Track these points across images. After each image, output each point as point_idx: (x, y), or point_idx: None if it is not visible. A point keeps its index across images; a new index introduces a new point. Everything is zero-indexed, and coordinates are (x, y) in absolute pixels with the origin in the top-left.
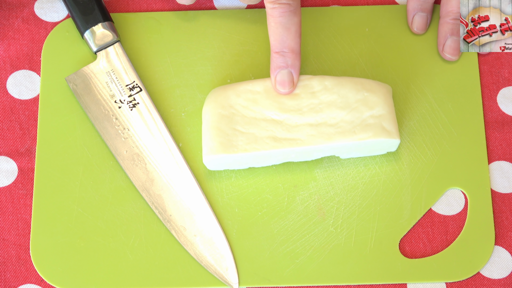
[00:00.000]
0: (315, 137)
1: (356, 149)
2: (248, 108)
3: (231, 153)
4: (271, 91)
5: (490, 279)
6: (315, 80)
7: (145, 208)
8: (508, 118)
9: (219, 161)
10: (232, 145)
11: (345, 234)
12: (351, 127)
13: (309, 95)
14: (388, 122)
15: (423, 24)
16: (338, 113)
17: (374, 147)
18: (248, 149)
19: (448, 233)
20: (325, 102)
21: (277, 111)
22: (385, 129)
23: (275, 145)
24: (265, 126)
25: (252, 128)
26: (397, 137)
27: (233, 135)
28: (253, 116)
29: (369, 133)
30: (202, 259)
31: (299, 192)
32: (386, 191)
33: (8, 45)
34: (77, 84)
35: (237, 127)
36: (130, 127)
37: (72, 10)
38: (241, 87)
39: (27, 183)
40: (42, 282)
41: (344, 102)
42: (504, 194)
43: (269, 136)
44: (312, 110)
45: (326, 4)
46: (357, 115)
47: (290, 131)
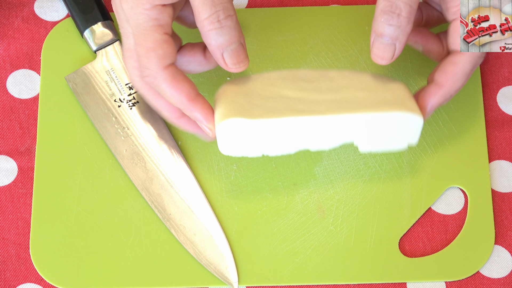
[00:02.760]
0: (335, 108)
1: (377, 134)
2: (264, 89)
3: (247, 117)
4: (288, 78)
5: (490, 278)
6: (333, 71)
7: (144, 207)
8: (508, 118)
9: (234, 133)
10: (247, 113)
11: (345, 233)
12: (371, 102)
13: (327, 80)
14: (410, 101)
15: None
16: (358, 93)
17: (395, 134)
18: (265, 116)
19: (448, 232)
20: (344, 85)
21: (294, 90)
22: (407, 106)
23: (293, 113)
24: (283, 101)
25: (269, 103)
26: (418, 112)
27: (248, 106)
28: (270, 95)
29: (390, 107)
30: (202, 258)
31: (298, 190)
32: (386, 189)
33: (8, 44)
34: (76, 83)
35: (253, 101)
36: (129, 126)
37: (72, 9)
38: (255, 77)
39: (27, 182)
40: (42, 281)
41: (364, 85)
42: (504, 194)
43: (287, 107)
44: (330, 90)
45: (325, 3)
46: (378, 95)
47: (308, 105)
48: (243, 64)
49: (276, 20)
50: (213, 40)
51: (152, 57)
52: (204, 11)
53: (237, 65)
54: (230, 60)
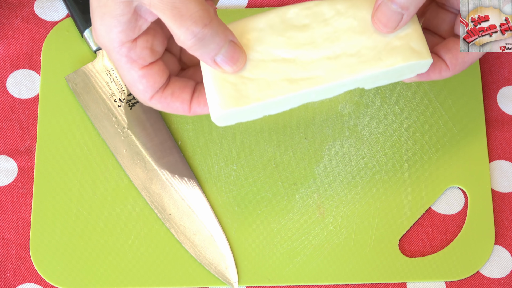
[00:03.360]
0: (336, 72)
1: (383, 77)
2: (253, 50)
3: (243, 105)
4: (276, 25)
5: (489, 278)
6: (324, 5)
7: (144, 207)
8: (507, 118)
9: (229, 115)
10: (242, 96)
11: (345, 233)
12: (375, 53)
13: (321, 24)
14: (416, 41)
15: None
16: (357, 39)
17: (403, 71)
18: (262, 97)
19: (448, 232)
20: (341, 28)
21: (287, 48)
22: (414, 50)
23: (291, 87)
24: (277, 68)
25: (262, 73)
26: (428, 57)
27: (241, 83)
28: (260, 58)
29: (397, 58)
30: (202, 258)
31: (298, 190)
32: (386, 189)
33: (8, 44)
34: (76, 83)
35: (244, 74)
36: (129, 126)
37: (72, 9)
38: (240, 26)
39: (27, 182)
40: (42, 281)
41: (363, 25)
42: (504, 194)
43: (283, 78)
44: (327, 40)
45: None
46: (379, 38)
47: (306, 68)
48: (240, 62)
49: None
50: (198, 54)
51: (134, 91)
52: (177, 32)
53: (234, 66)
54: (225, 65)
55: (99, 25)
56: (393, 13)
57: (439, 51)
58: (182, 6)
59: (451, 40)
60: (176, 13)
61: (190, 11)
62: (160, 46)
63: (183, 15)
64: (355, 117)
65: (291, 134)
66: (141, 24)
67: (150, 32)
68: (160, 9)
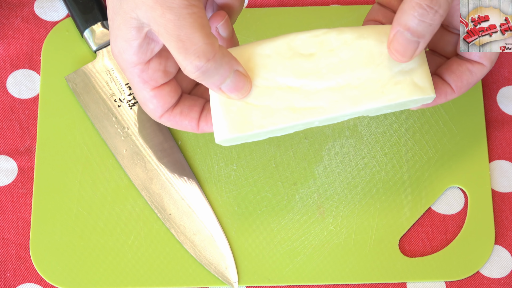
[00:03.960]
0: (338, 103)
1: (386, 109)
2: (259, 76)
3: (247, 132)
4: (283, 53)
5: (489, 278)
6: (332, 34)
7: (144, 207)
8: (507, 118)
9: (233, 139)
10: (247, 122)
11: (345, 233)
12: (378, 86)
13: (327, 53)
14: (420, 77)
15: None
16: (362, 71)
17: (406, 104)
18: (265, 124)
19: (448, 232)
20: (346, 59)
21: (292, 76)
22: (417, 86)
23: (294, 117)
24: (281, 96)
25: (267, 100)
26: (432, 92)
27: (246, 109)
28: (266, 85)
29: (399, 93)
30: (202, 257)
31: (298, 190)
32: (386, 189)
33: (8, 44)
34: (76, 83)
35: (249, 100)
36: (129, 126)
37: (72, 9)
38: (248, 51)
39: (27, 182)
40: (42, 281)
41: (368, 57)
42: (504, 194)
43: (287, 106)
44: (332, 71)
45: (325, 3)
46: (384, 72)
47: (309, 98)
48: (245, 90)
49: (276, 20)
50: (204, 83)
51: (145, 109)
52: (182, 63)
53: (239, 94)
54: (230, 93)
55: (113, 45)
56: (409, 42)
57: (443, 74)
58: (186, 40)
59: (455, 62)
60: (181, 46)
61: (194, 45)
62: (173, 67)
63: (187, 48)
64: (355, 117)
65: (291, 134)
66: (153, 47)
67: (163, 54)
68: (166, 39)
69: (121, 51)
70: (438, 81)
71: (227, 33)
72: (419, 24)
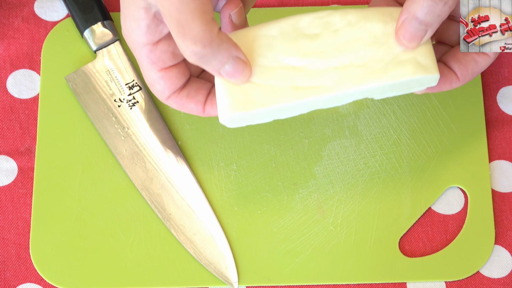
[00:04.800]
0: (341, 82)
1: (390, 89)
2: (263, 56)
3: (249, 110)
4: (288, 33)
5: (489, 278)
6: (336, 15)
7: (144, 207)
8: (507, 117)
9: (237, 118)
10: (250, 100)
11: (345, 233)
12: (382, 65)
13: (331, 34)
14: (424, 56)
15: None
16: (366, 50)
17: (411, 84)
18: (268, 103)
19: (448, 232)
20: (350, 40)
21: (296, 56)
22: (420, 65)
23: (297, 95)
24: (284, 75)
25: (270, 79)
26: (435, 72)
27: (249, 88)
28: (270, 65)
29: (403, 71)
30: (202, 257)
31: (298, 190)
32: (386, 189)
33: (8, 44)
34: (76, 83)
35: (253, 79)
36: (129, 126)
37: (72, 9)
38: (253, 32)
39: (27, 182)
40: (42, 281)
41: (372, 37)
42: (504, 194)
43: (290, 85)
44: (336, 50)
45: (325, 3)
46: (387, 51)
47: (313, 77)
48: (244, 76)
49: None
50: (203, 67)
51: (153, 90)
52: (181, 47)
53: (237, 79)
54: (228, 77)
55: (123, 25)
56: (417, 29)
57: (449, 62)
58: (185, 24)
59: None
60: (180, 30)
61: (192, 31)
62: None
63: (185, 33)
64: (355, 117)
65: (291, 134)
66: (162, 28)
67: (169, 40)
68: (168, 22)
69: (130, 30)
70: (444, 68)
71: (239, 21)
72: (428, 14)
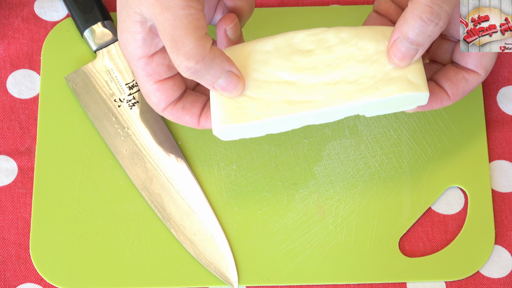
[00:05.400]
0: (333, 97)
1: (381, 106)
2: (258, 71)
3: (242, 122)
4: (282, 49)
5: (489, 278)
6: (330, 32)
7: (144, 207)
8: (507, 117)
9: (231, 131)
10: (243, 113)
11: (345, 233)
12: (373, 82)
13: (325, 50)
14: (414, 74)
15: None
16: (357, 67)
17: (401, 102)
18: (260, 116)
19: (448, 232)
20: (343, 56)
21: (290, 71)
22: (411, 82)
23: (289, 109)
24: (278, 89)
25: (264, 93)
26: (425, 90)
27: (243, 101)
28: (264, 79)
29: (393, 88)
30: (202, 258)
31: (298, 190)
32: (386, 189)
33: (8, 44)
34: (76, 83)
35: (247, 93)
36: (129, 126)
37: (72, 9)
38: (249, 47)
39: (27, 182)
40: (42, 281)
41: (364, 54)
42: (504, 194)
43: (283, 100)
44: (328, 66)
45: (325, 3)
46: (379, 69)
47: (305, 92)
48: (237, 90)
49: (276, 20)
50: (197, 81)
51: (149, 101)
52: (175, 62)
53: (230, 93)
54: (222, 91)
55: (119, 38)
56: (408, 49)
57: (440, 80)
58: (179, 40)
59: (451, 70)
60: (174, 46)
61: (185, 47)
62: None
63: (179, 49)
64: (355, 117)
65: (291, 134)
66: (157, 42)
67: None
68: (163, 37)
69: (126, 43)
70: (435, 87)
71: (235, 36)
72: (419, 34)
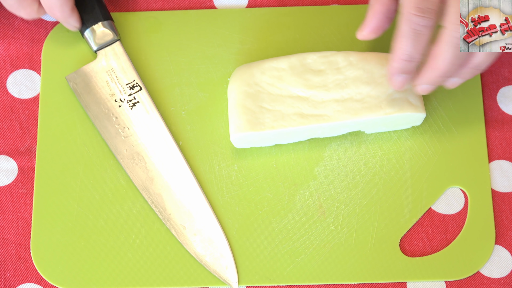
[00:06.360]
0: (341, 113)
1: (381, 124)
2: (273, 86)
3: (258, 130)
4: (296, 67)
5: (490, 278)
6: (339, 56)
7: (145, 207)
8: (507, 117)
9: (246, 138)
10: (259, 123)
11: (346, 233)
12: (377, 102)
13: (334, 71)
14: (413, 96)
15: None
16: (363, 88)
17: (399, 121)
18: (275, 126)
19: (448, 232)
20: (351, 77)
21: (302, 87)
22: (411, 104)
23: (302, 121)
24: (291, 103)
25: (279, 105)
26: (422, 111)
27: (259, 112)
28: (279, 93)
29: (395, 108)
30: (202, 258)
31: (299, 190)
32: (387, 189)
33: (8, 44)
34: (77, 83)
35: (263, 105)
36: (130, 126)
37: None
38: (265, 65)
39: (27, 182)
40: (42, 281)
41: (370, 77)
42: (504, 194)
43: (296, 112)
44: (337, 86)
45: (325, 3)
46: (382, 90)
47: (316, 107)
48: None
49: (276, 20)
50: None
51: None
52: None
53: None
54: None
55: None
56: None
57: None
58: None
59: None
60: None
61: None
62: None
63: None
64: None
65: None
66: None
67: None
68: None
69: None
70: None
71: None
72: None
